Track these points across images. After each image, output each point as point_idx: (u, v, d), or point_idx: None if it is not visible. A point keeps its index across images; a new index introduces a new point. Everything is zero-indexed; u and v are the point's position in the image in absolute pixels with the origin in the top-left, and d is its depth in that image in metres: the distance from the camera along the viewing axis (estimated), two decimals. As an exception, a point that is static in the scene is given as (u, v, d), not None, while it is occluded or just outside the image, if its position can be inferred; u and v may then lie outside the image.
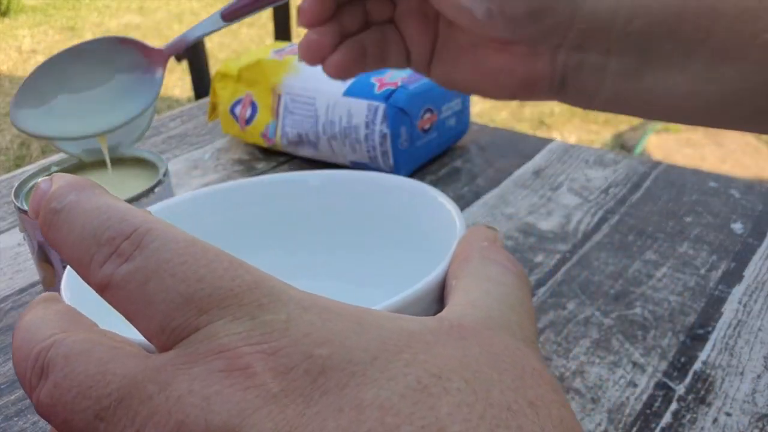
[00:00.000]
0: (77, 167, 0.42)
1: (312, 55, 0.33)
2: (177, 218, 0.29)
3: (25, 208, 0.37)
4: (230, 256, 0.16)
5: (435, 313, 0.18)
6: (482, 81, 0.33)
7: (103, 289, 0.16)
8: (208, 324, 0.15)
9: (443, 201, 0.27)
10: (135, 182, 0.41)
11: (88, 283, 0.17)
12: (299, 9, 0.33)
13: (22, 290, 0.46)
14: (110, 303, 0.16)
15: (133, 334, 0.17)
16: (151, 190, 0.38)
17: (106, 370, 0.15)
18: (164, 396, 0.14)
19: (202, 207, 0.31)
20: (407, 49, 0.35)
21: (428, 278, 0.21)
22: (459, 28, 0.33)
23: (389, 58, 0.35)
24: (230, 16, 0.33)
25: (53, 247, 0.18)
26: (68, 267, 0.25)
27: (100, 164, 0.42)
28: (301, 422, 0.14)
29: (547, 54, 0.31)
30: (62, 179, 0.18)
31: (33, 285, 0.46)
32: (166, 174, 0.40)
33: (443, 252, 0.23)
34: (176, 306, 0.15)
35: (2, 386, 0.38)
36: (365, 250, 0.32)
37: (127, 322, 0.16)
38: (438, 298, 0.21)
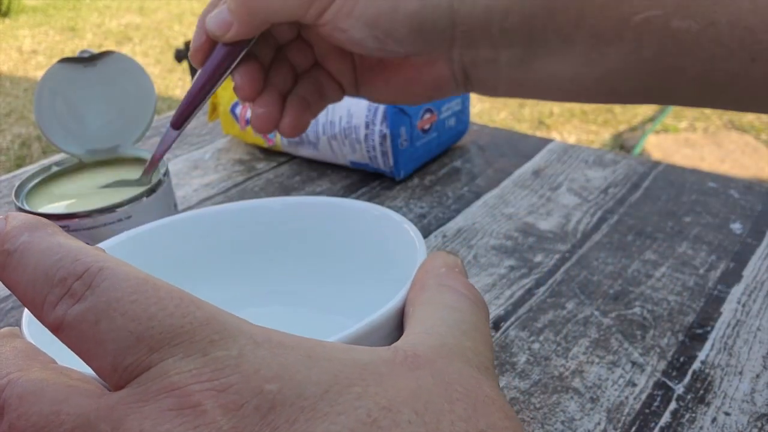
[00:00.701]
0: (77, 168, 0.43)
1: (266, 126, 0.36)
2: (139, 249, 0.30)
3: (26, 207, 0.38)
4: (182, 293, 0.16)
5: (394, 341, 0.19)
6: (399, 92, 0.36)
7: (56, 329, 0.16)
8: (159, 362, 0.15)
9: (407, 227, 0.28)
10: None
11: (43, 324, 0.16)
12: (234, 88, 0.36)
13: (23, 290, 0.46)
14: (65, 343, 0.16)
15: (90, 370, 0.17)
16: (151, 190, 0.38)
17: (59, 410, 0.15)
18: None
19: (165, 237, 0.31)
20: (338, 81, 0.38)
21: (386, 308, 0.21)
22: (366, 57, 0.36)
23: (327, 95, 0.38)
24: (178, 122, 0.36)
25: (8, 288, 0.18)
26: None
27: (99, 164, 0.43)
28: None
29: (443, 58, 0.34)
30: (16, 219, 0.18)
31: (34, 285, 0.47)
32: (166, 174, 0.40)
33: (405, 278, 0.23)
34: (127, 345, 0.15)
35: (4, 386, 0.38)
36: (330, 276, 0.32)
37: None
38: (397, 326, 0.21)
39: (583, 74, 0.31)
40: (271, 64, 0.36)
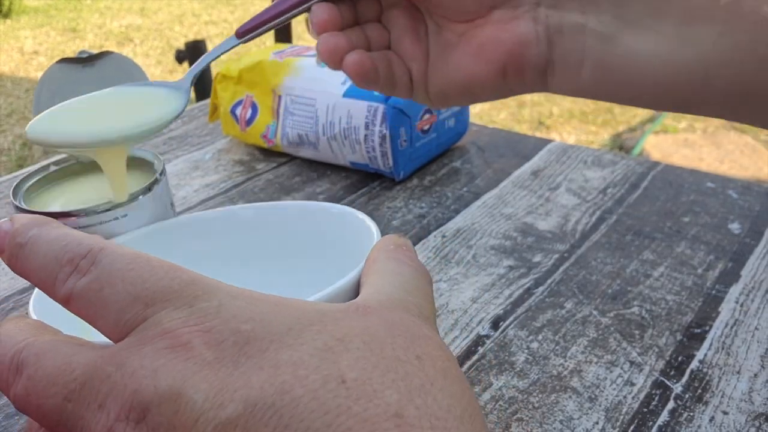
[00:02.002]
0: (75, 167, 0.43)
1: (334, 53, 0.35)
2: None
3: (24, 206, 0.38)
4: (170, 264, 0.19)
5: None
6: (474, 63, 0.34)
7: (66, 301, 0.19)
8: (153, 315, 0.18)
9: (364, 218, 0.31)
10: (133, 181, 0.41)
11: (55, 300, 0.20)
12: (311, 18, 0.34)
13: (23, 290, 0.46)
14: (73, 312, 0.19)
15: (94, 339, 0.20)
16: (148, 188, 0.38)
17: (71, 360, 0.18)
18: (120, 373, 0.17)
19: (141, 247, 0.32)
20: (407, 67, 0.36)
21: (344, 279, 0.24)
22: (446, 28, 0.34)
23: (396, 80, 0.36)
24: (245, 33, 0.35)
25: (21, 276, 0.21)
26: (35, 292, 0.28)
27: (97, 164, 0.43)
28: (230, 381, 0.17)
29: (528, 15, 0.32)
30: (23, 218, 0.21)
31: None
32: (162, 173, 0.40)
33: (360, 258, 0.26)
34: (127, 304, 0.18)
35: (3, 385, 0.38)
36: (298, 274, 0.34)
37: (88, 332, 0.20)
38: (355, 294, 0.24)
39: (675, 56, 0.30)
40: (349, 26, 0.35)
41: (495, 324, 0.41)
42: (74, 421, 0.18)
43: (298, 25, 3.74)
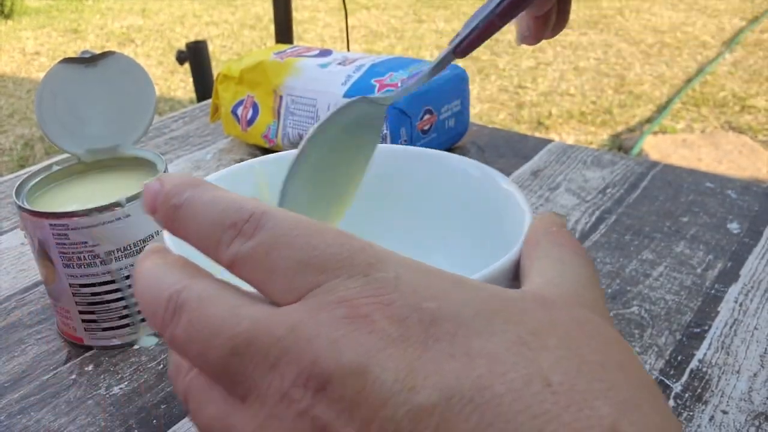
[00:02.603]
0: (77, 167, 0.43)
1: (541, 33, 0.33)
2: (239, 183, 0.30)
3: (27, 206, 0.38)
4: (335, 228, 0.18)
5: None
6: None
7: (231, 265, 0.18)
8: (325, 282, 0.17)
9: (511, 189, 0.29)
10: (135, 181, 0.41)
11: (219, 262, 0.19)
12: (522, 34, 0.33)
13: (25, 289, 0.47)
14: (238, 275, 0.19)
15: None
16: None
17: (236, 312, 0.17)
18: (293, 338, 0.16)
19: (268, 171, 0.32)
20: None
21: (506, 258, 0.23)
22: None
23: None
24: (466, 50, 0.31)
25: (178, 237, 0.20)
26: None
27: (99, 164, 0.43)
28: (418, 364, 0.16)
29: None
30: (173, 178, 0.20)
31: (36, 284, 0.47)
32: (165, 173, 0.40)
33: (510, 235, 0.25)
34: (296, 270, 0.17)
35: (6, 384, 0.38)
36: (425, 229, 0.33)
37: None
38: (514, 277, 0.23)
39: None
40: None
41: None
42: (239, 376, 0.17)
43: (299, 26, 3.75)
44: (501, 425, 0.15)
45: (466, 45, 0.31)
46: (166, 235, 0.25)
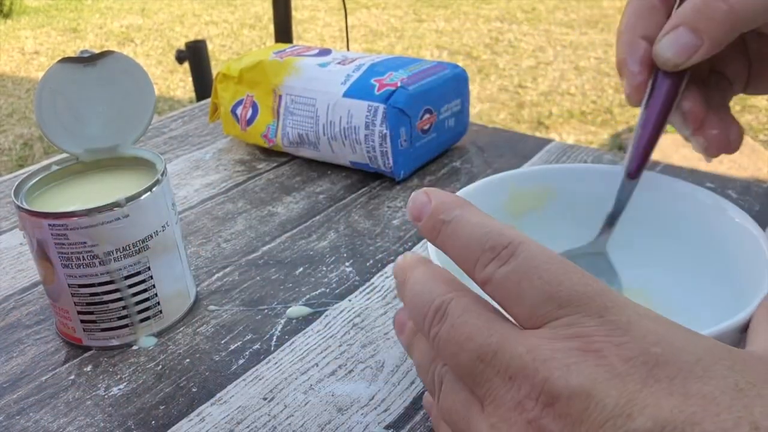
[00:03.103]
0: (77, 167, 0.43)
1: (726, 146, 0.33)
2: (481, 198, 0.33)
3: (25, 206, 0.38)
4: (580, 270, 0.21)
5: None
6: None
7: (484, 283, 0.22)
8: (565, 316, 0.20)
9: (751, 228, 0.31)
10: (134, 181, 0.41)
11: (473, 279, 0.22)
12: (685, 115, 0.32)
13: (24, 290, 0.46)
14: (489, 294, 0.22)
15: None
16: (149, 188, 0.38)
17: (490, 326, 0.21)
18: (531, 357, 0.20)
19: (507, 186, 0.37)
20: (730, 82, 0.34)
21: (738, 318, 0.25)
22: None
23: (723, 99, 0.34)
24: (638, 171, 0.33)
25: (439, 248, 0.24)
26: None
27: (99, 164, 0.43)
28: (639, 396, 0.18)
29: None
30: (442, 195, 0.24)
31: (35, 285, 0.47)
32: (164, 173, 0.40)
33: (747, 282, 0.28)
34: (542, 300, 0.20)
35: (4, 385, 0.38)
36: (666, 258, 0.36)
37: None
38: (742, 337, 0.26)
39: None
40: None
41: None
42: (483, 379, 0.20)
43: (299, 25, 3.75)
44: None
45: (636, 165, 0.33)
46: (431, 248, 0.30)
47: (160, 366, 0.39)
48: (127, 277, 0.38)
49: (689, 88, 0.32)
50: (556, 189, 0.38)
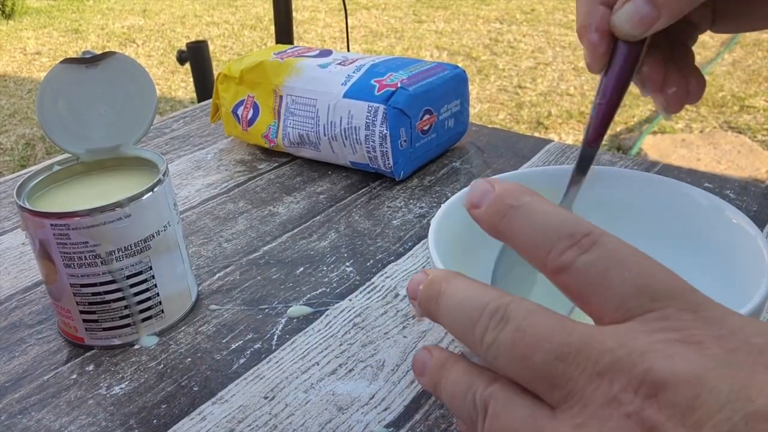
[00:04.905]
0: (79, 167, 0.43)
1: (682, 103, 0.33)
2: None
3: (27, 206, 0.38)
4: (664, 265, 0.20)
5: None
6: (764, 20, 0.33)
7: (560, 271, 0.21)
8: (660, 309, 0.19)
9: (748, 228, 0.32)
10: (136, 181, 0.41)
11: (543, 266, 0.21)
12: (641, 81, 0.32)
13: (26, 289, 0.47)
14: (565, 283, 0.21)
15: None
16: (150, 188, 0.39)
17: (565, 325, 0.20)
18: (626, 350, 0.19)
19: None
20: (695, 24, 0.34)
21: (758, 298, 0.26)
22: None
23: (686, 42, 0.34)
24: (597, 138, 0.32)
25: (500, 235, 0.22)
26: (435, 251, 0.30)
27: (100, 164, 0.43)
28: (752, 382, 0.18)
29: None
30: (506, 183, 0.23)
31: (37, 284, 0.47)
32: (165, 173, 0.40)
33: (746, 282, 0.29)
34: (633, 293, 0.20)
35: (6, 384, 0.38)
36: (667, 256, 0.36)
37: None
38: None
39: None
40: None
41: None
42: (562, 380, 0.19)
43: (299, 26, 3.75)
44: None
45: (594, 133, 0.32)
46: (438, 261, 0.28)
47: (162, 365, 0.39)
48: (128, 277, 0.39)
49: (649, 48, 0.31)
50: (543, 191, 0.38)
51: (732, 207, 0.33)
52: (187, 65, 1.75)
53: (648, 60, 0.32)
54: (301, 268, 0.47)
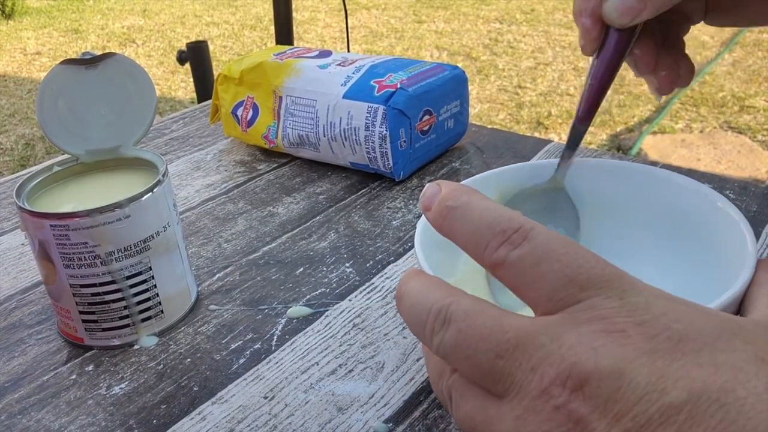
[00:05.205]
0: (78, 168, 0.43)
1: (673, 85, 0.35)
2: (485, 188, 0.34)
3: (27, 207, 0.38)
4: (594, 253, 0.21)
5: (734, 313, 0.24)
6: (759, 14, 0.35)
7: (496, 266, 0.22)
8: (587, 299, 0.20)
9: (733, 215, 0.31)
10: (135, 182, 0.41)
11: (482, 262, 0.22)
12: (635, 64, 0.34)
13: (26, 290, 0.47)
14: (501, 277, 0.22)
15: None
16: (150, 189, 0.39)
17: (501, 323, 0.21)
18: (556, 345, 0.20)
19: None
20: (688, 16, 0.36)
21: (734, 290, 0.25)
22: None
23: (679, 32, 0.36)
24: (588, 116, 0.34)
25: (445, 235, 0.23)
26: (419, 248, 0.30)
27: (100, 164, 0.43)
28: (669, 371, 0.18)
29: None
30: (451, 184, 0.24)
31: (37, 285, 0.47)
32: (165, 174, 0.40)
33: (728, 266, 0.28)
34: (562, 283, 0.20)
35: (6, 385, 0.38)
36: (648, 244, 0.36)
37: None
38: (738, 303, 0.26)
39: None
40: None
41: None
42: (503, 376, 0.20)
43: (299, 26, 3.75)
44: (743, 422, 0.17)
45: (585, 111, 0.33)
46: (422, 258, 0.29)
47: (162, 365, 0.39)
48: (128, 277, 0.39)
49: (642, 34, 0.33)
50: (526, 184, 0.37)
51: (715, 192, 0.33)
52: (187, 65, 1.75)
53: (640, 44, 0.33)
54: (301, 269, 0.47)
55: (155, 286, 0.40)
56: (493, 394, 0.21)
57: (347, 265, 0.47)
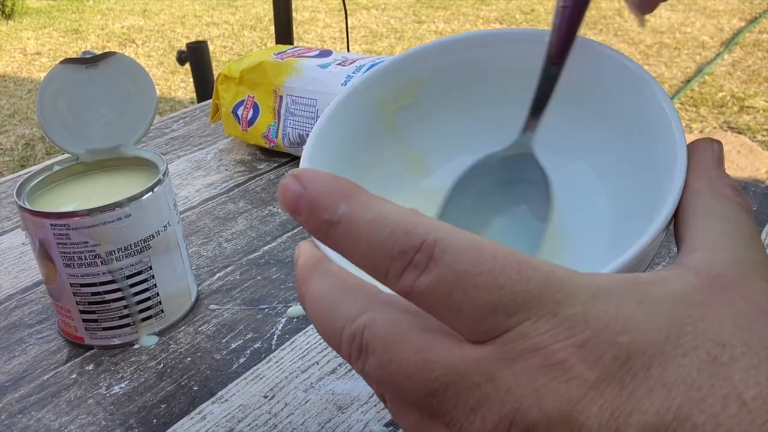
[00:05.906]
0: (78, 167, 0.43)
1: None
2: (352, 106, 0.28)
3: (27, 206, 0.38)
4: (514, 254, 0.17)
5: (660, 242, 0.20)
6: None
7: (406, 295, 0.18)
8: (517, 325, 0.17)
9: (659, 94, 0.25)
10: (136, 181, 0.41)
11: (387, 286, 0.18)
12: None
13: (26, 289, 0.47)
14: (417, 305, 0.18)
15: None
16: (150, 188, 0.39)
17: (426, 357, 0.18)
18: (492, 386, 0.17)
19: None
20: None
21: (655, 228, 0.21)
22: None
23: None
24: (562, 56, 0.28)
25: (335, 251, 0.19)
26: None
27: (100, 164, 0.43)
28: (619, 403, 0.16)
29: None
30: (318, 183, 0.19)
31: (37, 284, 0.47)
32: (165, 173, 0.40)
33: (655, 135, 0.23)
34: (485, 313, 0.17)
35: (6, 384, 0.38)
36: (573, 121, 0.30)
37: None
38: (666, 231, 0.21)
39: None
40: None
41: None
42: (440, 411, 0.18)
43: (299, 26, 3.75)
44: None
45: (558, 50, 0.28)
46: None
47: (162, 365, 0.39)
48: (128, 277, 0.39)
49: None
50: (422, 79, 0.31)
51: (660, 86, 0.27)
52: (187, 65, 1.75)
53: None
54: (301, 268, 0.47)
55: (155, 285, 0.40)
56: (435, 419, 0.19)
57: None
